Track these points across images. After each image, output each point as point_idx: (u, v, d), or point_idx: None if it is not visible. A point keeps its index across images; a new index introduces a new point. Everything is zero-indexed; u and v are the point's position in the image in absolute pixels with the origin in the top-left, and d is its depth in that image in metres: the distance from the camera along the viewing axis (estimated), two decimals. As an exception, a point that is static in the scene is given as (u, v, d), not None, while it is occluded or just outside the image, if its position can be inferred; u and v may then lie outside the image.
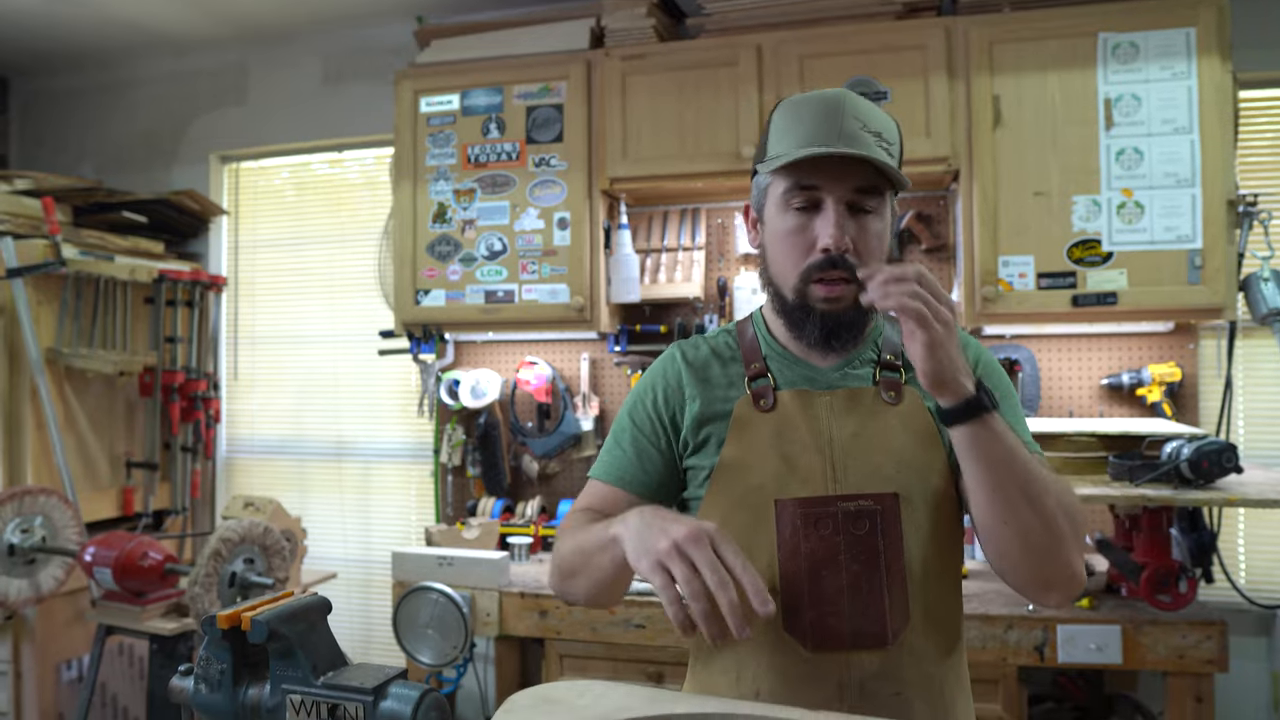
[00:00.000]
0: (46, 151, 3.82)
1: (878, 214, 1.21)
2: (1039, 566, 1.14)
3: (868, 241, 1.21)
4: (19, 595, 2.70)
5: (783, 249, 1.24)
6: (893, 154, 1.21)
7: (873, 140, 1.18)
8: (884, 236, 1.23)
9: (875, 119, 1.20)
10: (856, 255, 1.19)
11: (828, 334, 1.23)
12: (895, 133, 1.24)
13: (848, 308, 1.21)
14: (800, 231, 1.22)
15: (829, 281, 1.20)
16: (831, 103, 1.19)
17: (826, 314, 1.22)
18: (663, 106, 2.74)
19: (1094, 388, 2.74)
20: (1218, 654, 2.12)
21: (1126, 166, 2.43)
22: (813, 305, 1.22)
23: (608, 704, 1.08)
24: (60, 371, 3.03)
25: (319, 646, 1.16)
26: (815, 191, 1.20)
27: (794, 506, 1.20)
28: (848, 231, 1.19)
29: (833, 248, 1.18)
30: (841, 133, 1.16)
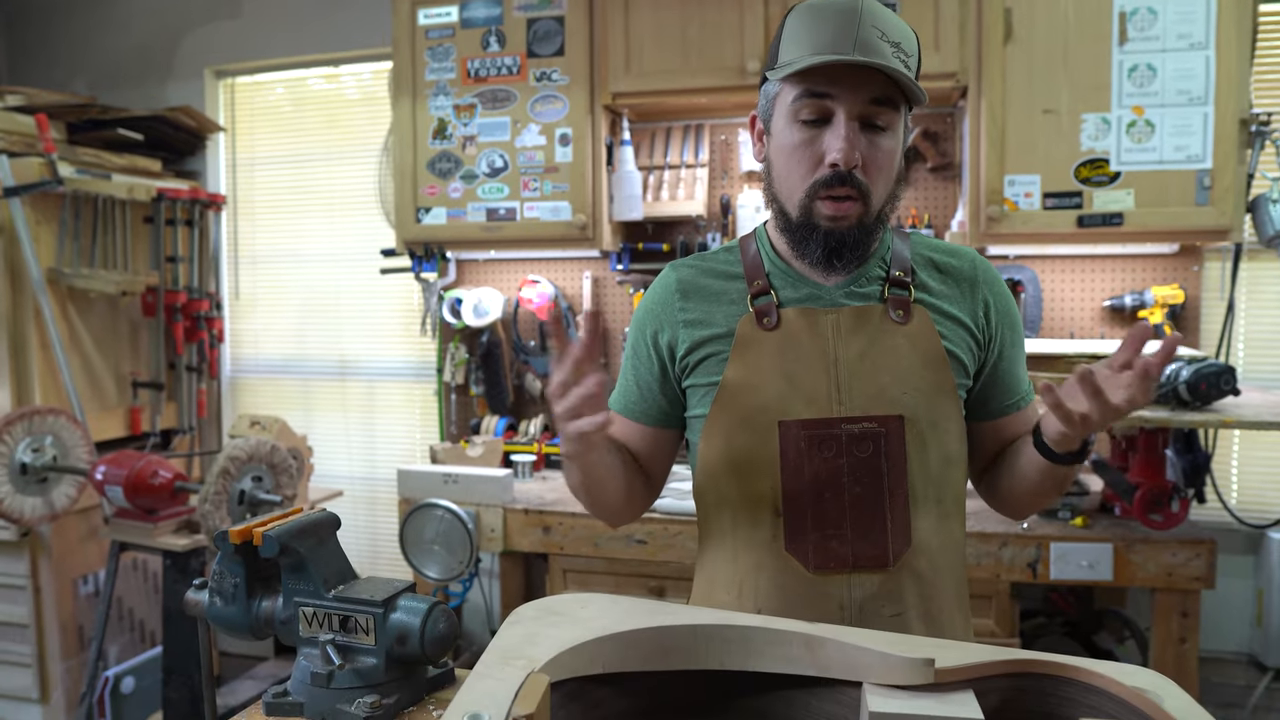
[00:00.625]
0: (38, 66, 3.75)
1: (891, 130, 1.17)
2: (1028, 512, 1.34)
3: (878, 159, 1.16)
4: (33, 513, 2.76)
5: (789, 163, 1.19)
6: (910, 66, 1.16)
7: (890, 50, 1.12)
8: (895, 155, 1.19)
9: (895, 28, 1.14)
10: (865, 173, 1.16)
11: (830, 253, 1.20)
12: (914, 43, 1.18)
13: (852, 226, 1.18)
14: (808, 145, 1.17)
15: (836, 199, 1.16)
16: (849, 8, 1.13)
17: (831, 232, 1.18)
18: (666, 19, 2.67)
19: (1096, 309, 2.74)
20: (1205, 572, 2.16)
21: (1139, 84, 2.37)
22: (817, 223, 1.18)
23: (611, 616, 1.11)
24: (63, 292, 3.03)
25: (329, 561, 1.20)
26: (827, 101, 1.14)
27: (798, 428, 1.20)
28: (858, 147, 1.14)
29: (841, 163, 1.14)
30: (858, 41, 1.10)
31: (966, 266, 1.28)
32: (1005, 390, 1.29)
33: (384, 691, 1.11)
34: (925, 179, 2.85)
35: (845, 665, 1.00)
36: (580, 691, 1.04)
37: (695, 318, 1.28)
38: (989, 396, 1.29)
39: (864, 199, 1.17)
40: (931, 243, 1.31)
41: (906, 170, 2.80)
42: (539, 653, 1.02)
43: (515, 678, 0.95)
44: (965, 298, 1.26)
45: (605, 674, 1.04)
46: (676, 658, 1.07)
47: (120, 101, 3.52)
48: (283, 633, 1.19)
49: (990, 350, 1.27)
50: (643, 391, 1.33)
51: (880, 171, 1.17)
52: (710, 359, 1.26)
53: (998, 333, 1.27)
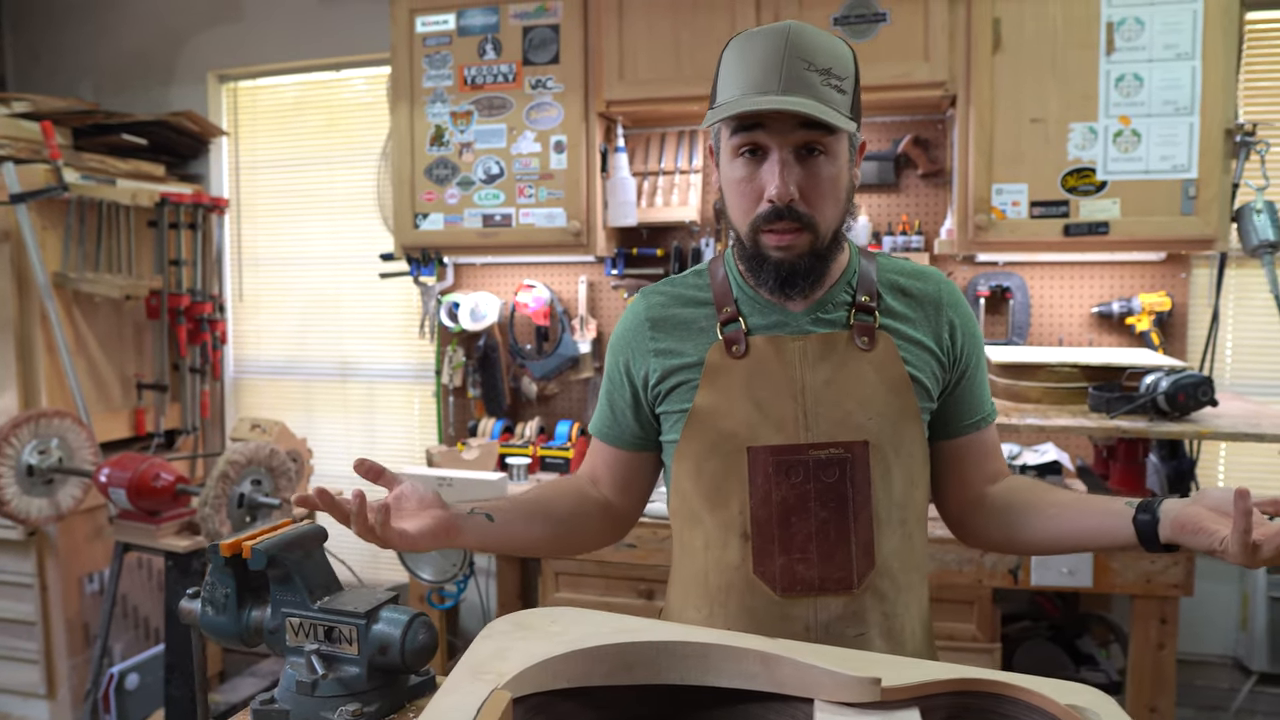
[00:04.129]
0: (42, 70, 3.80)
1: (830, 155, 1.18)
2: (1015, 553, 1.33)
3: (819, 187, 1.18)
4: (39, 514, 2.82)
5: (734, 196, 1.22)
6: (844, 89, 1.17)
7: (819, 80, 1.14)
8: (839, 179, 1.20)
9: (824, 54, 1.15)
10: (806, 203, 1.17)
11: (783, 282, 1.22)
12: (849, 64, 1.19)
13: (802, 255, 1.20)
14: (749, 180, 1.19)
15: (778, 232, 1.19)
16: (776, 41, 1.15)
17: (781, 262, 1.21)
18: (659, 27, 2.70)
19: (1084, 315, 2.76)
20: (1183, 579, 2.19)
21: (1125, 93, 2.39)
22: (766, 254, 1.21)
23: (578, 631, 1.15)
24: (68, 296, 3.08)
25: (315, 572, 1.25)
26: (760, 137, 1.17)
27: (766, 454, 1.23)
28: (793, 179, 1.16)
29: (776, 199, 1.16)
30: (784, 78, 1.13)
31: (931, 290, 1.31)
32: (967, 410, 1.32)
33: (366, 700, 1.16)
34: (916, 186, 2.87)
35: (799, 682, 1.04)
36: (546, 705, 1.08)
37: (665, 347, 1.31)
38: (951, 417, 1.32)
39: (810, 228, 1.19)
40: (897, 265, 1.34)
41: (895, 176, 2.83)
42: (507, 667, 1.06)
43: (480, 693, 0.99)
44: (930, 321, 1.29)
45: (571, 688, 1.08)
46: (640, 672, 1.11)
47: (124, 105, 3.57)
48: (271, 642, 1.23)
49: (954, 372, 1.30)
50: (617, 418, 1.37)
51: (823, 198, 1.19)
52: (681, 387, 1.29)
53: (962, 354, 1.30)
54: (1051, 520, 1.24)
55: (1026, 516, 1.27)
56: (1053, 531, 1.24)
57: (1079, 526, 1.21)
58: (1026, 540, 1.28)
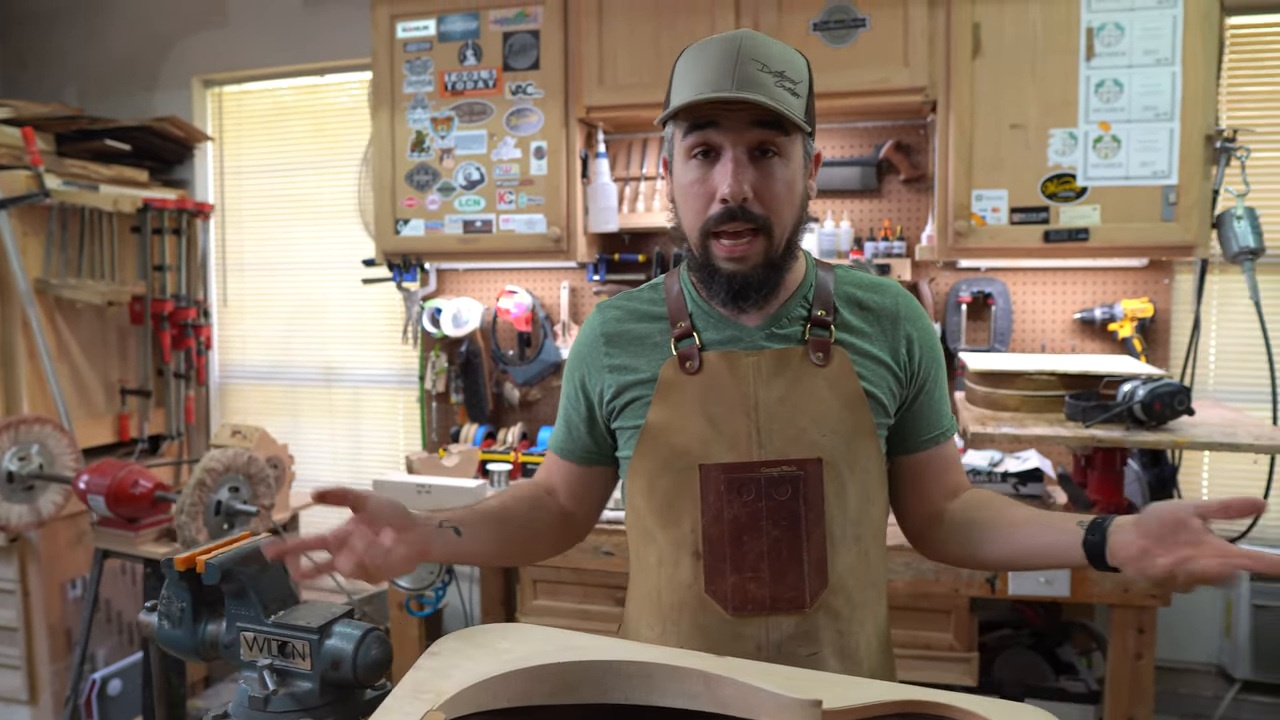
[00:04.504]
0: (29, 76, 3.80)
1: (784, 158, 1.17)
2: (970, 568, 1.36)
3: (774, 189, 1.16)
4: (20, 520, 2.82)
5: (685, 200, 1.20)
6: (798, 93, 1.16)
7: (772, 81, 1.13)
8: (795, 183, 1.19)
9: (777, 58, 1.15)
10: (761, 204, 1.16)
11: (735, 294, 1.20)
12: (802, 70, 1.18)
13: (756, 265, 1.18)
14: (701, 182, 1.17)
15: (730, 235, 1.17)
16: (729, 45, 1.14)
17: (733, 274, 1.19)
18: (639, 32, 2.69)
19: (1067, 322, 2.75)
20: (1161, 589, 2.17)
21: (1105, 99, 2.38)
22: (717, 264, 1.19)
23: (526, 649, 1.14)
24: (51, 302, 3.08)
25: (270, 586, 1.24)
26: (713, 135, 1.15)
27: (718, 472, 1.21)
28: (747, 178, 1.14)
29: (729, 197, 1.14)
30: (737, 76, 1.12)
31: (889, 303, 1.29)
32: (926, 424, 1.31)
33: (318, 715, 1.15)
34: (899, 191, 2.86)
35: (742, 703, 1.03)
36: (485, 726, 1.07)
37: (620, 363, 1.29)
38: (909, 431, 1.30)
39: (764, 232, 1.17)
40: (856, 278, 1.32)
41: (878, 182, 2.82)
42: (448, 686, 1.05)
43: (417, 714, 0.98)
44: (886, 335, 1.27)
45: (512, 708, 1.07)
46: (583, 691, 1.10)
47: (110, 111, 3.57)
48: (227, 655, 1.23)
49: (911, 387, 1.29)
50: (572, 432, 1.36)
51: (778, 200, 1.17)
52: (635, 403, 1.28)
53: (920, 368, 1.29)
54: (1007, 538, 1.23)
55: (984, 533, 1.25)
56: (1009, 550, 1.23)
57: (1034, 545, 1.20)
58: (984, 557, 1.27)
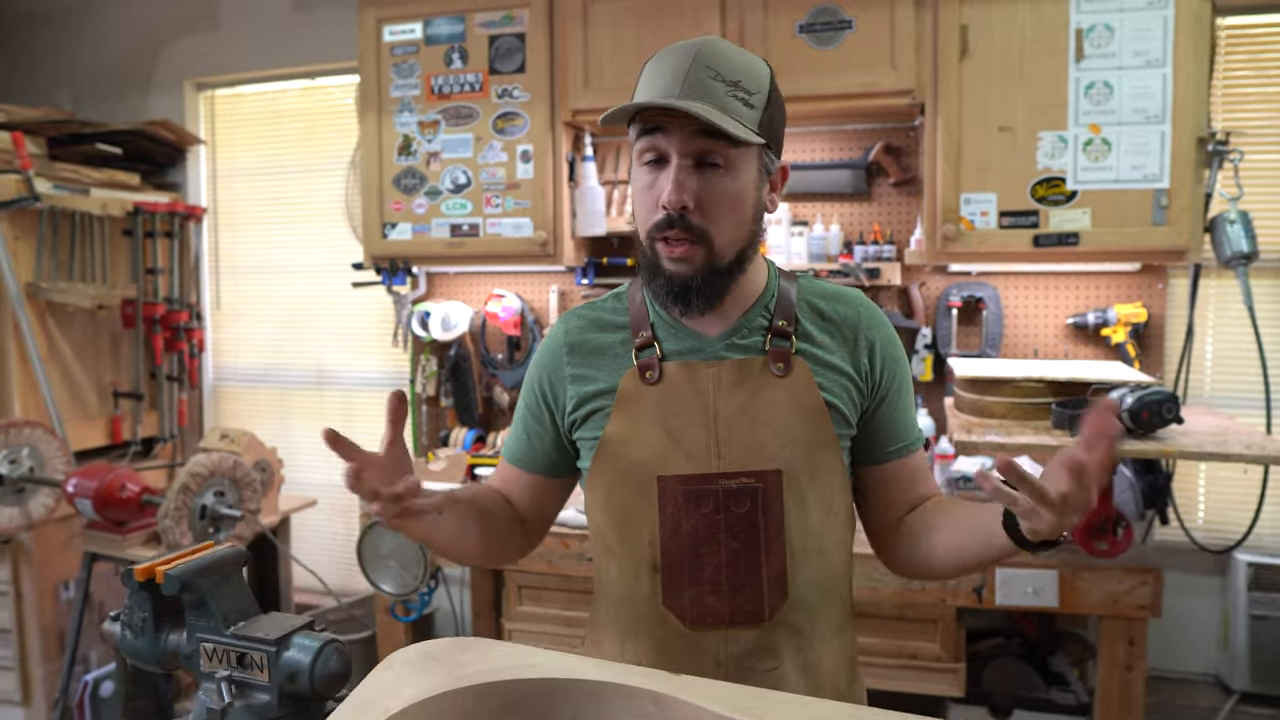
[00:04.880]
0: (22, 79, 3.81)
1: (731, 169, 1.15)
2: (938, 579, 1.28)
3: (716, 199, 1.14)
4: (10, 522, 2.83)
5: (638, 205, 1.20)
6: (753, 104, 1.14)
7: (724, 90, 1.11)
8: (742, 194, 1.17)
9: (735, 67, 1.13)
10: (702, 215, 1.14)
11: (675, 297, 1.19)
12: (762, 80, 1.16)
13: (697, 271, 1.16)
14: (649, 187, 1.17)
15: (671, 241, 1.15)
16: (686, 52, 1.13)
17: (674, 276, 1.17)
18: (624, 35, 2.67)
19: (1060, 327, 2.71)
20: (1151, 600, 2.14)
21: (1095, 101, 2.34)
22: (662, 266, 1.18)
23: (483, 665, 1.13)
24: (43, 305, 3.09)
25: (231, 597, 1.23)
26: (659, 139, 1.14)
27: (676, 484, 1.20)
28: (689, 188, 1.13)
29: (667, 206, 1.13)
30: (686, 82, 1.10)
31: (851, 314, 1.27)
32: (890, 436, 1.28)
33: (277, 727, 1.14)
34: (889, 194, 2.82)
35: (689, 726, 1.01)
36: (427, 746, 1.05)
37: (581, 373, 1.28)
38: (873, 442, 1.28)
39: (704, 242, 1.15)
40: (819, 288, 1.30)
41: (867, 185, 2.78)
42: (394, 703, 1.04)
43: (357, 732, 0.97)
44: (848, 345, 1.25)
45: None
46: (530, 711, 1.09)
47: (104, 113, 3.57)
48: (187, 666, 1.22)
49: (873, 398, 1.27)
50: (531, 441, 1.34)
51: (720, 212, 1.15)
52: (596, 414, 1.26)
53: (881, 379, 1.26)
54: (945, 536, 1.21)
55: (928, 537, 1.24)
56: (948, 547, 1.21)
57: (968, 539, 1.17)
58: (929, 563, 1.25)
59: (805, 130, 2.88)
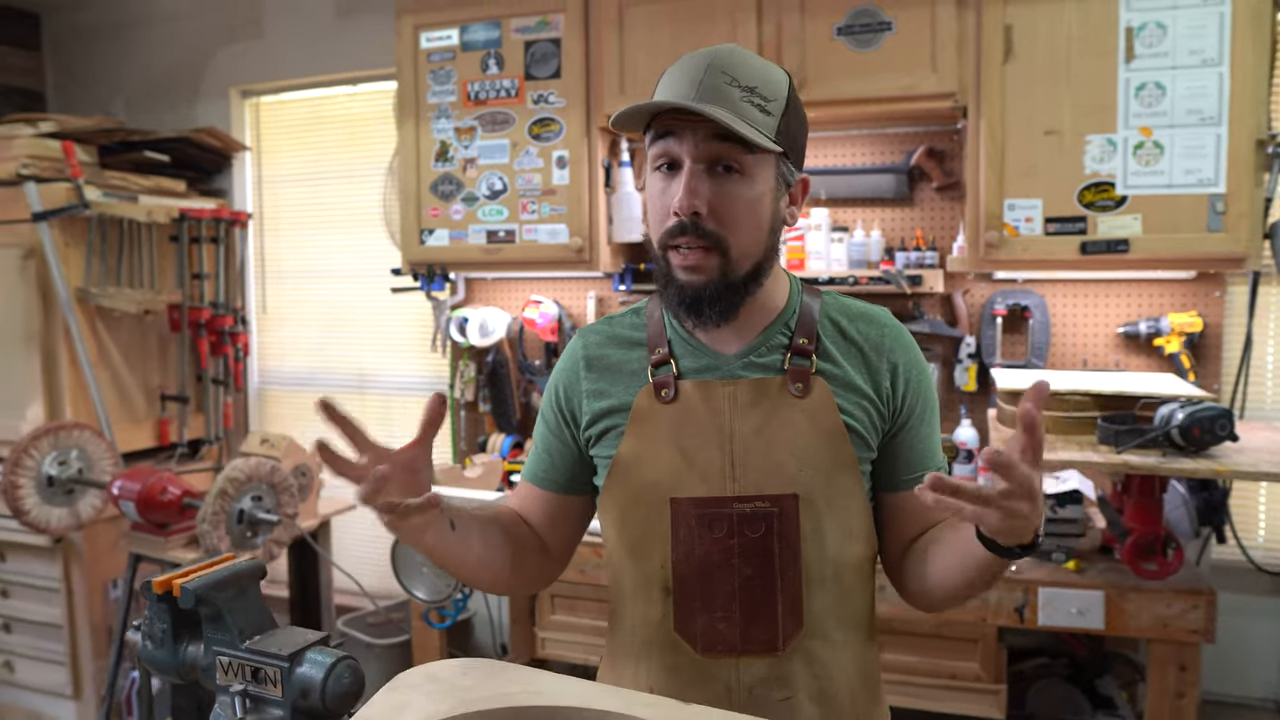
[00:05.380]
0: (79, 88, 3.91)
1: (746, 176, 1.12)
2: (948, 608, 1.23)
3: (728, 206, 1.11)
4: (59, 523, 2.89)
5: (651, 211, 1.18)
6: (769, 110, 1.11)
7: (740, 95, 1.09)
8: (758, 202, 1.14)
9: (752, 74, 1.11)
10: (717, 221, 1.11)
11: (688, 307, 1.16)
12: (780, 88, 1.13)
13: (710, 280, 1.13)
14: (663, 194, 1.14)
15: (684, 249, 1.13)
16: (702, 57, 1.12)
17: (686, 285, 1.14)
18: (660, 39, 2.64)
19: (1110, 336, 2.61)
20: (1204, 624, 2.04)
21: (1146, 103, 2.25)
22: (675, 275, 1.15)
23: (487, 689, 1.12)
24: (92, 310, 3.16)
25: (247, 611, 1.23)
26: (673, 146, 1.11)
27: (689, 506, 1.17)
28: (702, 194, 1.10)
29: (679, 211, 1.10)
30: (701, 87, 1.09)
31: (874, 334, 1.23)
32: (910, 463, 1.24)
33: (291, 742, 1.14)
34: (931, 199, 2.75)
35: (689, 761, 0.98)
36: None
37: (598, 389, 1.25)
38: (892, 469, 1.23)
39: (719, 250, 1.12)
40: (844, 305, 1.26)
41: (910, 190, 2.71)
42: (396, 727, 1.03)
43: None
44: (869, 367, 1.21)
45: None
46: (530, 738, 1.07)
47: (154, 122, 3.65)
48: (204, 679, 1.22)
49: (893, 422, 1.22)
50: (553, 459, 1.31)
51: (735, 219, 1.12)
52: (611, 432, 1.23)
53: (904, 404, 1.22)
54: (937, 561, 1.16)
55: (923, 565, 1.19)
56: (940, 570, 1.16)
57: (954, 558, 1.12)
58: (925, 589, 1.20)
59: (845, 134, 2.82)
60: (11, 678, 3.30)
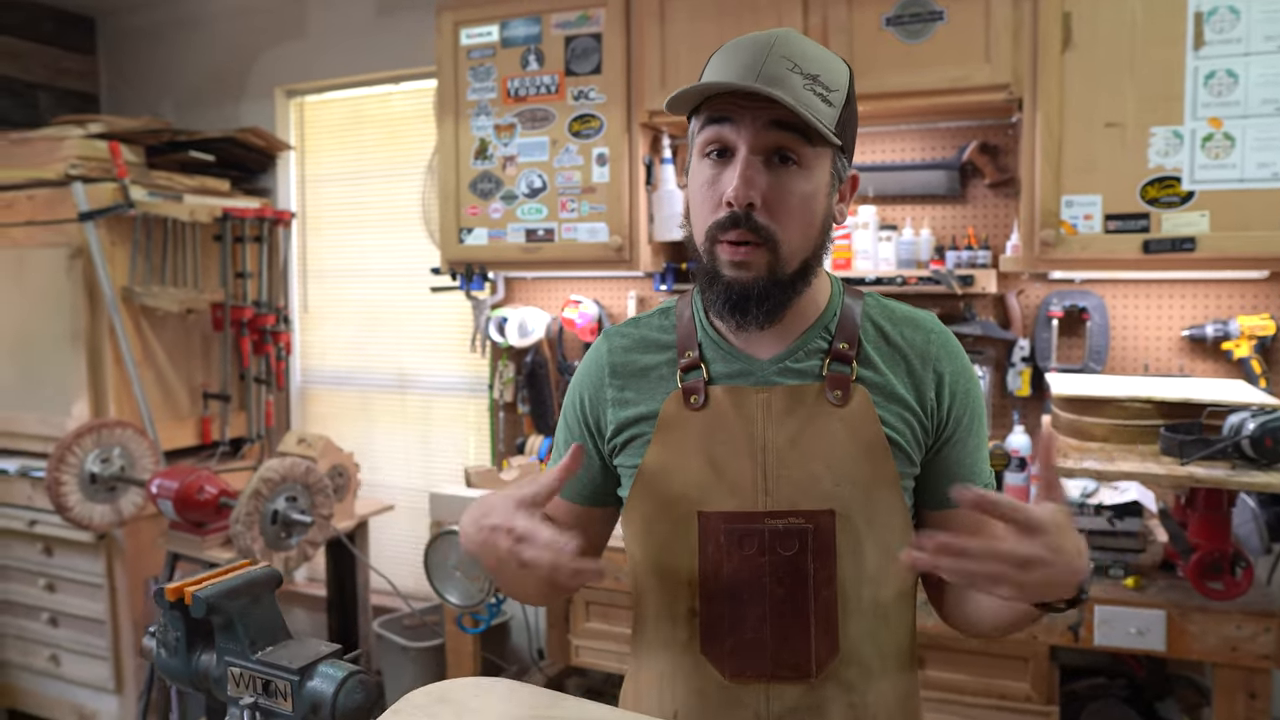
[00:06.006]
0: (132, 90, 3.96)
1: (805, 168, 1.04)
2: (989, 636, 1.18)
3: (786, 200, 1.04)
4: (102, 519, 2.92)
5: (695, 202, 1.10)
6: (832, 101, 1.04)
7: (802, 83, 1.01)
8: (813, 198, 1.06)
9: (814, 61, 1.03)
10: (770, 215, 1.04)
11: (733, 306, 1.07)
12: (841, 79, 1.06)
13: (759, 277, 1.05)
14: (712, 183, 1.06)
15: (734, 243, 1.05)
16: (763, 40, 1.04)
17: (733, 282, 1.06)
18: (702, 33, 2.57)
19: (1174, 339, 2.48)
20: (1276, 649, 1.91)
21: (1216, 93, 2.12)
22: (719, 270, 1.07)
23: (497, 710, 1.07)
24: (137, 308, 3.18)
25: (260, 621, 1.20)
26: (727, 132, 1.04)
27: (718, 521, 1.10)
28: (758, 185, 1.02)
29: (733, 200, 1.02)
30: (761, 72, 1.01)
31: (920, 340, 1.15)
32: (954, 480, 1.15)
33: (302, 758, 1.10)
34: (984, 196, 2.64)
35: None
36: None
37: (623, 396, 1.18)
38: (936, 486, 1.15)
39: (769, 245, 1.05)
40: (888, 308, 1.18)
41: (961, 186, 2.61)
42: (397, 752, 0.98)
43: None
44: (914, 375, 1.13)
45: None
46: (541, 766, 1.01)
47: (201, 121, 3.68)
48: (216, 690, 1.19)
49: (938, 436, 1.14)
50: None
51: (789, 214, 1.05)
52: (636, 441, 1.16)
53: (949, 416, 1.13)
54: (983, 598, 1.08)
55: (964, 594, 1.12)
56: (980, 605, 1.10)
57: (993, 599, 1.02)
58: (967, 620, 1.14)
59: (894, 129, 2.72)
60: (58, 671, 3.34)
